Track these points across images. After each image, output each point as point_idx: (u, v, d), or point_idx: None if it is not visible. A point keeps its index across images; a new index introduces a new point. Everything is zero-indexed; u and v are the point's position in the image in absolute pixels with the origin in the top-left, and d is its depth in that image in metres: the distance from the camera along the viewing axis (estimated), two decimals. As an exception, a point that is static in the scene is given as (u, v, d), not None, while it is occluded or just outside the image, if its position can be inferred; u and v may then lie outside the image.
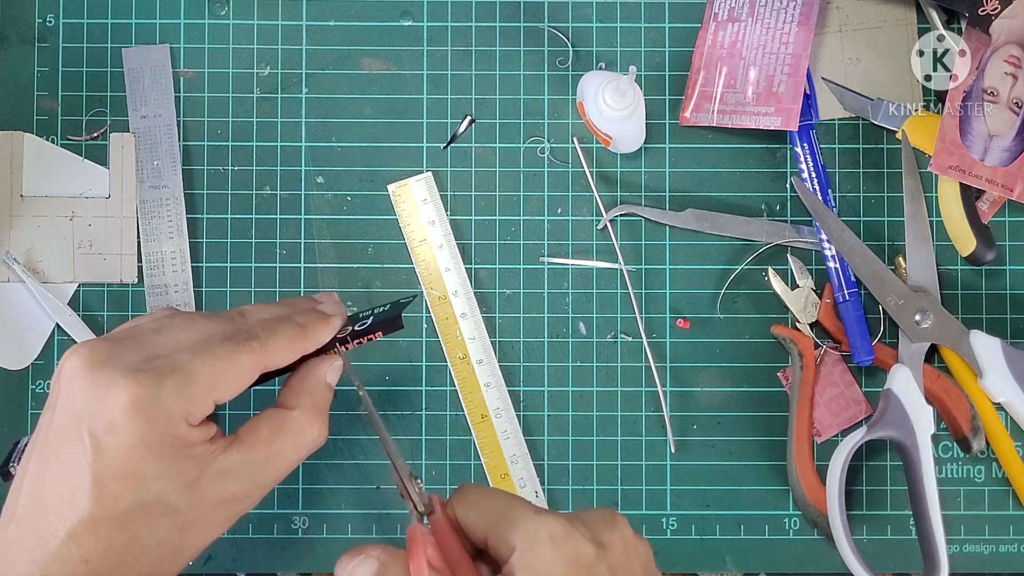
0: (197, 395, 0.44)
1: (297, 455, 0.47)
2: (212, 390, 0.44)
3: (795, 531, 0.64)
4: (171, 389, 0.43)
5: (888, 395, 0.62)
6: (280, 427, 0.47)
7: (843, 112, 0.66)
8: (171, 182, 0.65)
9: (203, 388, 0.44)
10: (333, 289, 0.65)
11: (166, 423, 0.43)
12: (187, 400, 0.43)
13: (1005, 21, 0.63)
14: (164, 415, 0.43)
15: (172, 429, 0.43)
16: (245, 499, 0.46)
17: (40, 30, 0.66)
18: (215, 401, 0.45)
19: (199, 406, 0.44)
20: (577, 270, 0.65)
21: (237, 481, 0.45)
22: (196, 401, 0.44)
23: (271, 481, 0.46)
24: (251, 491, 0.46)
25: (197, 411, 0.44)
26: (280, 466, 0.46)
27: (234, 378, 0.45)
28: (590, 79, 0.62)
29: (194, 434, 0.44)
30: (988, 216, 0.65)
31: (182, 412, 0.43)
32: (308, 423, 0.48)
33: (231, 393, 0.45)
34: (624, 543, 0.42)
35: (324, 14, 0.66)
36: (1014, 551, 0.64)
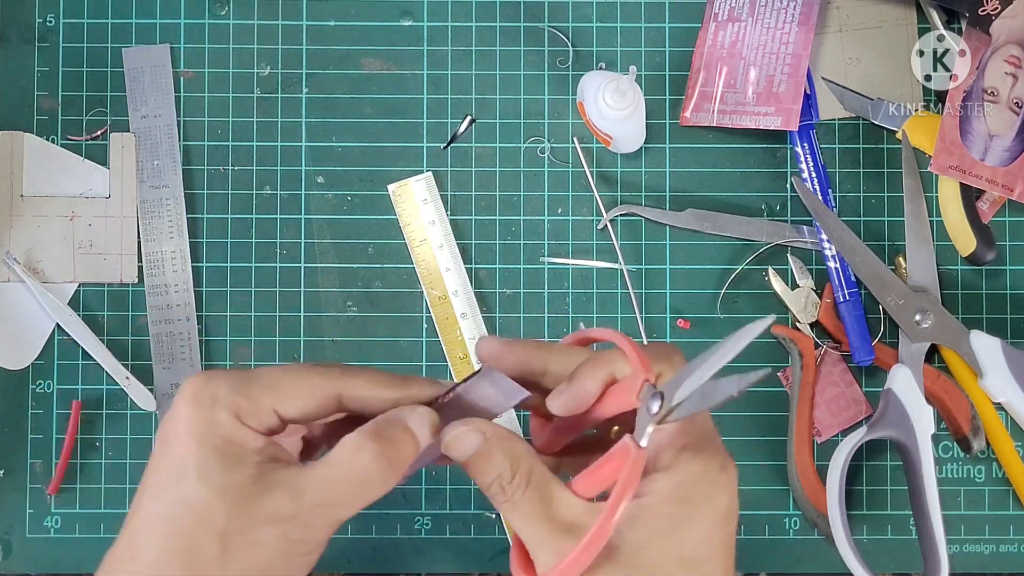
0: (253, 392, 0.43)
1: (351, 480, 0.43)
2: (271, 393, 0.43)
3: (795, 531, 0.64)
4: (226, 382, 0.43)
5: (888, 395, 0.62)
6: (337, 447, 0.44)
7: (843, 112, 0.66)
8: (171, 182, 0.65)
9: (261, 388, 0.43)
10: (333, 289, 0.65)
11: (211, 410, 0.42)
12: (240, 393, 0.43)
13: (1005, 21, 0.63)
14: (211, 400, 0.42)
15: (217, 417, 0.42)
16: (295, 519, 0.42)
17: (40, 30, 0.66)
18: (276, 409, 0.44)
19: (253, 403, 0.43)
20: (577, 270, 0.65)
21: (284, 496, 0.42)
22: (251, 397, 0.43)
23: (323, 502, 0.43)
24: (301, 511, 0.42)
25: (250, 409, 0.43)
26: (330, 487, 0.43)
27: (300, 392, 0.44)
28: (590, 79, 0.62)
29: (244, 434, 0.43)
30: (988, 216, 0.65)
31: (232, 404, 0.43)
32: (359, 446, 0.43)
33: (296, 408, 0.44)
34: None
35: (324, 14, 0.66)
36: (1014, 551, 0.64)
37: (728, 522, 0.42)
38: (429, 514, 0.64)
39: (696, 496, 0.41)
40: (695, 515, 0.41)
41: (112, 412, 0.64)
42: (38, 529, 0.64)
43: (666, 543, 0.41)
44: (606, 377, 0.44)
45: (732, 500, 0.42)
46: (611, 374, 0.44)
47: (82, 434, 0.64)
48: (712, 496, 0.42)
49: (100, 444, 0.64)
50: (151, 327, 0.64)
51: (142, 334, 0.64)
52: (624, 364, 0.44)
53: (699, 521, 0.41)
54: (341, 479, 0.43)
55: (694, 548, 0.41)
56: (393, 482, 0.44)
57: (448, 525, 0.64)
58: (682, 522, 0.41)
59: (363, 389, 0.45)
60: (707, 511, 0.41)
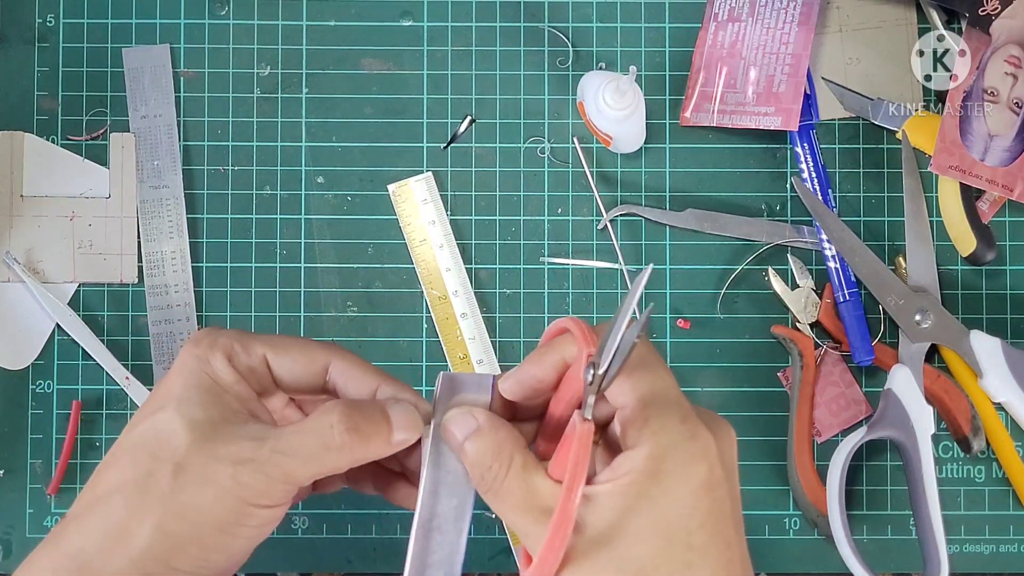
0: (250, 341, 0.45)
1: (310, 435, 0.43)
2: (266, 343, 0.45)
3: (795, 531, 0.64)
4: (229, 331, 0.46)
5: (888, 395, 0.62)
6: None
7: (843, 112, 0.66)
8: (171, 182, 0.65)
9: (258, 339, 0.45)
10: (333, 289, 0.65)
11: (206, 350, 0.44)
12: (237, 340, 0.45)
13: (1005, 21, 0.63)
14: (208, 343, 0.44)
15: (210, 356, 0.44)
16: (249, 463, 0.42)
17: (40, 30, 0.66)
18: (267, 359, 0.45)
19: (246, 349, 0.45)
20: (577, 270, 0.65)
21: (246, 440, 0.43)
22: (246, 344, 0.45)
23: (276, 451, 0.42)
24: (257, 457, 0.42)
25: (242, 353, 0.45)
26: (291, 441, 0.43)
27: (292, 347, 0.46)
28: (590, 79, 0.62)
29: (229, 375, 0.44)
30: (988, 216, 0.65)
31: (227, 346, 0.45)
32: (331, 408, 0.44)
33: (286, 364, 0.45)
34: None
35: (324, 14, 0.66)
36: (1014, 551, 0.64)
37: (712, 490, 0.41)
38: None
39: (667, 469, 0.40)
40: (670, 488, 0.40)
41: (112, 412, 0.64)
42: (38, 529, 0.64)
43: (647, 520, 0.40)
44: (556, 361, 0.43)
45: (712, 467, 0.41)
46: (561, 358, 0.43)
47: (82, 434, 0.64)
48: (685, 466, 0.40)
49: (100, 444, 0.64)
50: (151, 327, 0.64)
51: (142, 334, 0.64)
52: (573, 347, 0.43)
53: (676, 493, 0.40)
54: (304, 432, 0.43)
55: (677, 521, 0.40)
56: (355, 456, 0.44)
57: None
58: (658, 497, 0.40)
59: (351, 364, 0.46)
60: (681, 482, 0.40)
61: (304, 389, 0.47)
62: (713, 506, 0.41)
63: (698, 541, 0.40)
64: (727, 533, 0.42)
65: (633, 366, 0.41)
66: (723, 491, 0.41)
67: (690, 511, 0.40)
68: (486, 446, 0.43)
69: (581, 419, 0.41)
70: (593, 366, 0.41)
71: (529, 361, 0.44)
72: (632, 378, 0.41)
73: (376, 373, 0.47)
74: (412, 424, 0.45)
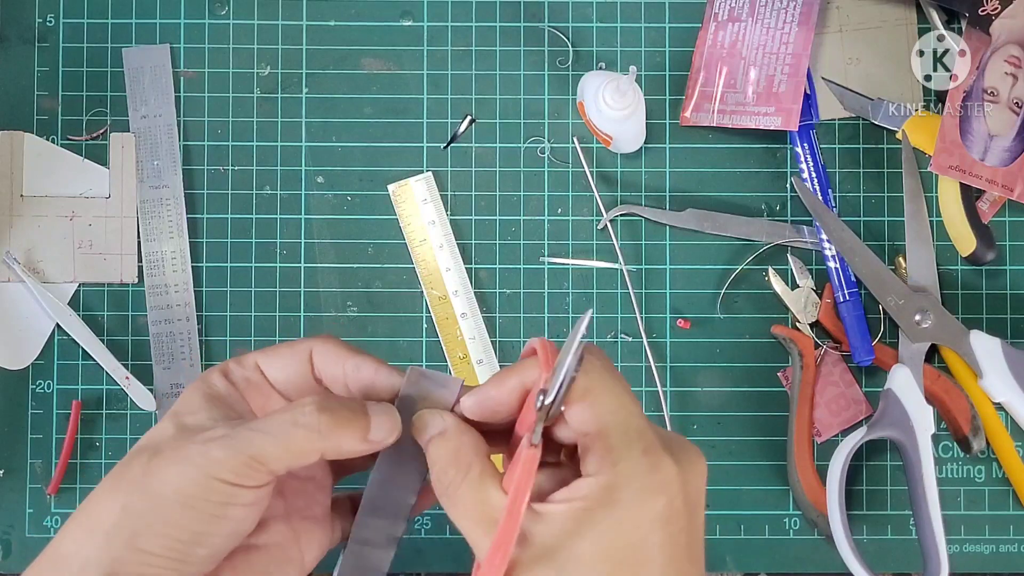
0: (241, 355, 0.47)
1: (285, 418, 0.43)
2: (258, 353, 0.47)
3: (795, 531, 0.64)
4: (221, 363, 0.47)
5: (888, 395, 0.62)
6: None
7: (843, 112, 0.66)
8: (171, 182, 0.65)
9: (251, 353, 0.47)
10: (334, 289, 0.65)
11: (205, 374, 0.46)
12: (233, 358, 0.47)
13: (1005, 21, 0.63)
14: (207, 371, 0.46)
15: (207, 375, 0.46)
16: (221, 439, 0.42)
17: (40, 30, 0.66)
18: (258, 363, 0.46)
19: (240, 362, 0.46)
20: (577, 270, 0.65)
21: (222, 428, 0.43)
22: (239, 358, 0.46)
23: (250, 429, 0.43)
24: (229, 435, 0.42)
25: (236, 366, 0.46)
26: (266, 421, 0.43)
27: (280, 349, 0.47)
28: (590, 79, 0.62)
29: (222, 386, 0.45)
30: (988, 216, 0.65)
31: (223, 365, 0.46)
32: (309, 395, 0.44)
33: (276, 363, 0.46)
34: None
35: (324, 14, 0.66)
36: (1014, 551, 0.64)
37: (668, 524, 0.40)
38: (429, 514, 0.64)
39: (622, 499, 0.40)
40: (623, 518, 0.40)
41: (112, 412, 0.64)
42: (38, 529, 0.64)
43: (595, 546, 0.39)
44: (516, 385, 0.43)
45: (671, 501, 0.40)
46: (521, 382, 0.43)
47: (82, 434, 0.64)
48: (642, 499, 0.40)
49: (100, 444, 0.64)
50: (151, 327, 0.64)
51: (142, 334, 0.64)
52: (532, 372, 0.43)
53: (628, 524, 0.40)
54: (278, 412, 0.43)
55: (627, 551, 0.40)
56: (327, 442, 0.43)
57: (448, 525, 0.64)
58: (609, 526, 0.40)
59: (328, 346, 0.46)
60: (636, 514, 0.40)
61: (299, 387, 0.47)
62: (668, 540, 0.40)
63: (647, 574, 0.40)
64: (682, 568, 0.41)
65: (596, 393, 0.41)
66: (681, 525, 0.41)
67: (641, 543, 0.40)
68: (447, 450, 0.43)
69: (528, 443, 0.40)
70: (543, 393, 0.41)
71: (490, 383, 0.44)
72: (594, 405, 0.41)
73: (349, 349, 0.47)
74: (392, 426, 0.44)
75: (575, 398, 0.41)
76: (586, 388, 0.41)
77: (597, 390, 0.41)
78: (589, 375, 0.41)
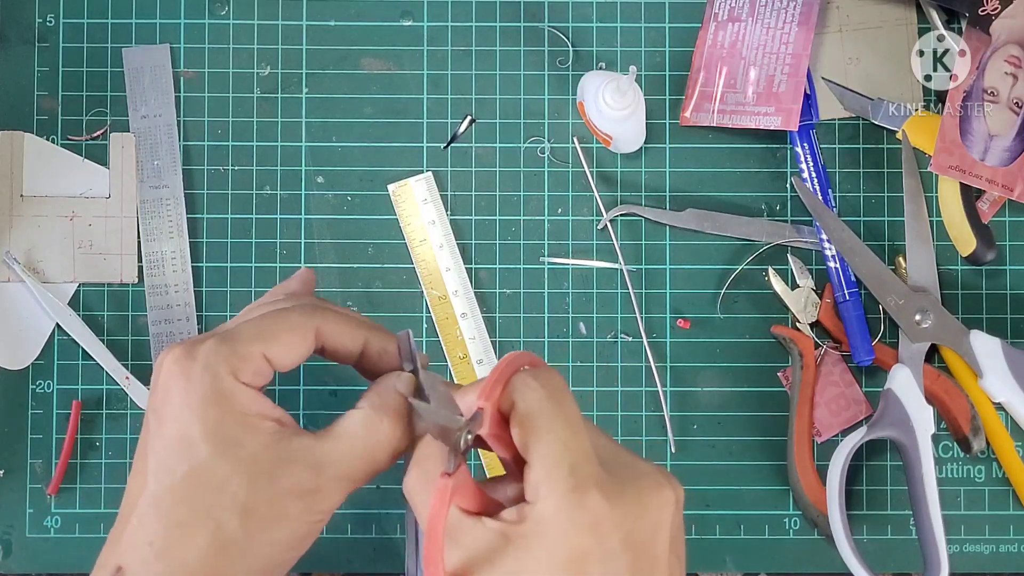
0: (240, 347, 0.43)
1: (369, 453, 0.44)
2: (257, 341, 0.43)
3: (795, 531, 0.64)
4: (212, 343, 0.43)
5: (888, 395, 0.62)
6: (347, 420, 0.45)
7: (843, 112, 0.66)
8: (171, 182, 0.65)
9: (247, 340, 0.43)
10: (334, 289, 0.65)
11: (204, 377, 0.42)
12: (231, 352, 0.42)
13: (1005, 21, 0.63)
14: (202, 368, 0.42)
15: (214, 382, 0.42)
16: (317, 492, 0.42)
17: (40, 30, 0.66)
18: (265, 355, 0.43)
19: (244, 358, 0.43)
20: (577, 270, 0.65)
21: (305, 470, 0.42)
22: (240, 353, 0.43)
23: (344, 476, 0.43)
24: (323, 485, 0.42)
25: (242, 364, 0.43)
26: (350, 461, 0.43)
27: (283, 333, 0.44)
28: (590, 79, 0.62)
29: (244, 395, 0.42)
30: (988, 216, 0.65)
31: (224, 364, 0.42)
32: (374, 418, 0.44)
33: (283, 350, 0.44)
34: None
35: (324, 14, 0.66)
36: (1014, 551, 0.64)
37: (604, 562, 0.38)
38: None
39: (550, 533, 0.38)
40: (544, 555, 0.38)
41: (112, 412, 0.64)
42: (38, 529, 0.64)
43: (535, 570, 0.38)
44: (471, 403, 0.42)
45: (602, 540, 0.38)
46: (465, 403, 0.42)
47: (82, 434, 0.64)
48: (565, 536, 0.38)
49: (100, 444, 0.64)
50: (151, 327, 0.64)
51: (142, 334, 0.64)
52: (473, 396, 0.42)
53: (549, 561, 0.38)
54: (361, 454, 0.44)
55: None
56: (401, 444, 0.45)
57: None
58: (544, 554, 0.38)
59: (336, 325, 0.46)
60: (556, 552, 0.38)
61: (301, 359, 0.46)
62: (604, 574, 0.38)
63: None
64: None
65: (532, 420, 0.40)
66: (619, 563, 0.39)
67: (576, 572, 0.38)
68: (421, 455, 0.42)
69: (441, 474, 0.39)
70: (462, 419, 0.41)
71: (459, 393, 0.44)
72: (530, 437, 0.40)
73: (361, 325, 0.47)
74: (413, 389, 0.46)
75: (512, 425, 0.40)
76: (522, 416, 0.40)
77: (531, 419, 0.40)
78: (526, 401, 0.40)
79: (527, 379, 0.41)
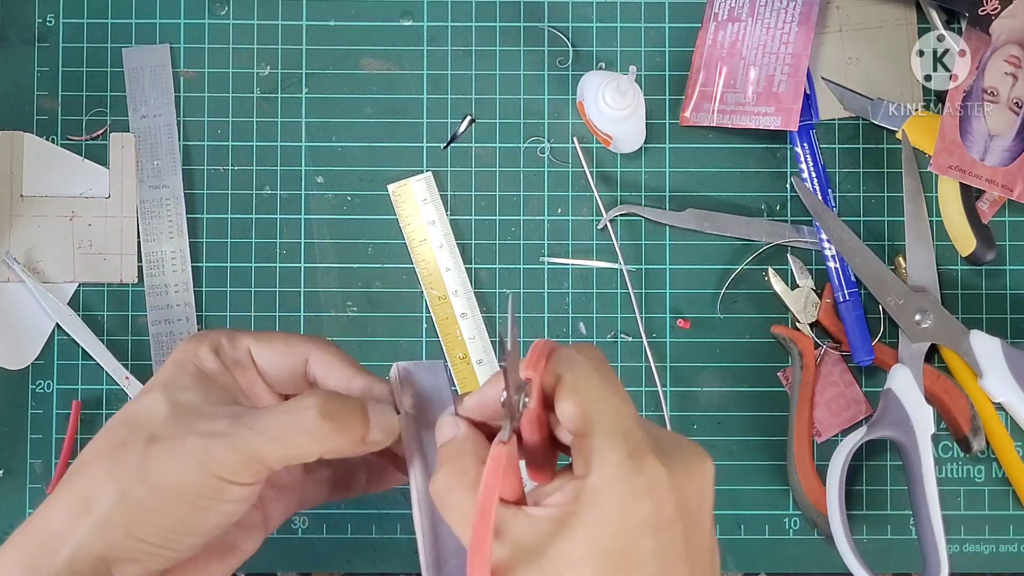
0: (236, 335, 0.47)
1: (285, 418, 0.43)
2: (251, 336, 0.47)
3: (795, 531, 0.64)
4: (216, 330, 0.48)
5: (888, 395, 0.62)
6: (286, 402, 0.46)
7: (843, 112, 0.66)
8: (171, 182, 0.65)
9: (243, 333, 0.47)
10: (334, 289, 0.65)
11: (196, 344, 0.46)
12: (224, 334, 0.47)
13: (1005, 21, 0.63)
14: (199, 339, 0.46)
15: (198, 349, 0.46)
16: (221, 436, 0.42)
17: (40, 30, 0.66)
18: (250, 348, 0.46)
19: (232, 341, 0.46)
20: (577, 270, 0.65)
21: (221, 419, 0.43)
22: (232, 337, 0.47)
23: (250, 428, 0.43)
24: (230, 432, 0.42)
25: (228, 346, 0.46)
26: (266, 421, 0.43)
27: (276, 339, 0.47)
28: (590, 79, 0.62)
29: (213, 364, 0.46)
30: (988, 216, 0.65)
31: (214, 340, 0.46)
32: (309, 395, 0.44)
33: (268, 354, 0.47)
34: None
35: (324, 14, 0.66)
36: (1014, 551, 0.64)
37: (658, 529, 0.38)
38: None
39: (605, 504, 0.38)
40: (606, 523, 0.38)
41: (112, 412, 0.64)
42: (38, 529, 0.64)
43: (580, 549, 0.38)
44: None
45: (660, 505, 0.38)
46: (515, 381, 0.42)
47: (82, 434, 0.64)
48: (626, 503, 0.38)
49: (100, 444, 0.64)
50: (151, 327, 0.64)
51: (142, 334, 0.65)
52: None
53: (612, 529, 0.38)
54: (279, 412, 0.44)
55: (614, 556, 0.38)
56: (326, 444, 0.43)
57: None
58: (593, 530, 0.38)
59: (330, 356, 0.47)
60: (620, 519, 0.38)
61: (287, 382, 0.47)
62: (659, 545, 0.38)
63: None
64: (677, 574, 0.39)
65: (581, 391, 0.40)
66: (676, 530, 0.39)
67: (630, 548, 0.38)
68: (446, 455, 0.42)
69: (497, 443, 0.39)
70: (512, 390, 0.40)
71: (488, 383, 0.43)
72: (579, 404, 0.40)
73: (354, 366, 0.47)
74: (390, 427, 0.45)
75: (561, 396, 0.40)
76: (572, 386, 0.40)
77: (582, 388, 0.40)
78: (575, 373, 0.40)
79: (572, 352, 0.41)
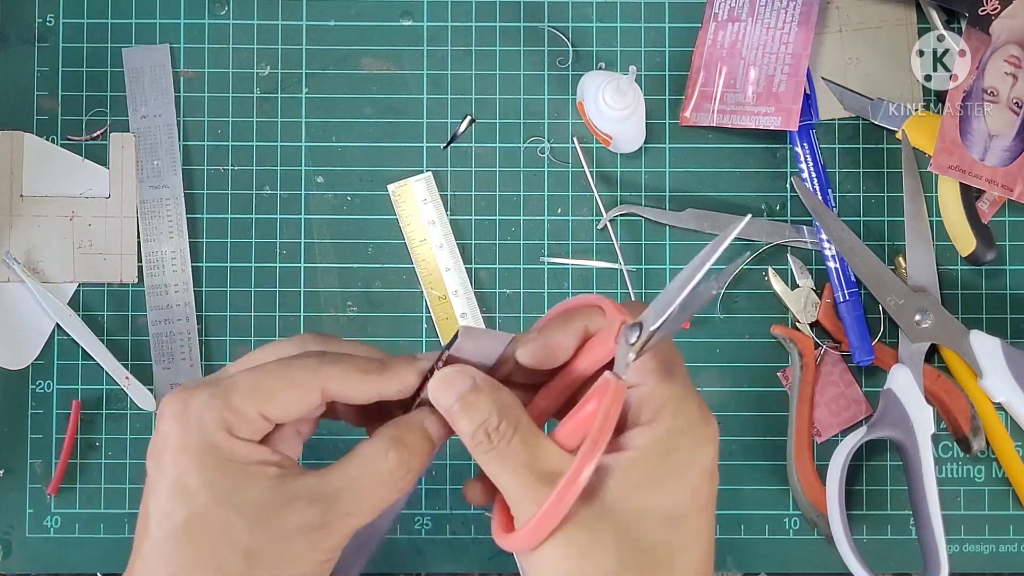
0: (235, 402, 0.42)
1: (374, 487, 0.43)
2: (253, 399, 0.42)
3: (795, 531, 0.64)
4: (205, 396, 0.42)
5: (888, 395, 0.62)
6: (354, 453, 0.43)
7: (843, 112, 0.66)
8: (171, 182, 0.65)
9: (242, 396, 0.42)
10: (333, 289, 0.65)
11: (200, 430, 0.42)
12: (224, 407, 0.42)
13: (1005, 21, 0.63)
14: (197, 421, 0.42)
15: (209, 437, 0.42)
16: (322, 528, 0.42)
17: (40, 30, 0.66)
18: (262, 413, 0.42)
19: (239, 416, 0.42)
20: (577, 270, 0.65)
21: (309, 507, 0.41)
22: (235, 409, 0.42)
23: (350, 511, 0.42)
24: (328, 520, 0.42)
25: (238, 421, 0.42)
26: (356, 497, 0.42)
27: (281, 391, 0.43)
28: (590, 79, 0.62)
29: (241, 448, 0.42)
30: (988, 216, 0.65)
31: (218, 420, 0.42)
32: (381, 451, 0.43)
33: (282, 409, 0.43)
34: None
35: (324, 14, 0.66)
36: (1014, 551, 0.64)
37: (713, 478, 0.41)
38: (429, 514, 0.64)
39: (682, 449, 0.40)
40: (681, 469, 0.40)
41: (112, 412, 0.64)
42: (38, 529, 0.64)
43: (650, 498, 0.40)
44: (579, 330, 0.43)
45: (716, 456, 0.42)
46: (584, 327, 0.43)
47: (82, 434, 0.64)
48: (697, 449, 0.41)
49: (100, 444, 0.64)
50: (151, 327, 0.64)
51: (142, 334, 0.64)
52: (597, 318, 0.43)
53: (685, 476, 0.40)
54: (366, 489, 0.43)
55: (679, 504, 0.40)
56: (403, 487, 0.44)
57: (448, 525, 0.64)
58: (668, 476, 0.40)
59: (342, 381, 0.43)
60: (693, 466, 0.41)
61: (302, 415, 0.44)
62: (711, 492, 0.42)
63: (694, 526, 0.41)
64: (712, 521, 0.42)
65: (658, 349, 0.42)
66: (716, 480, 0.42)
67: (694, 494, 0.41)
68: (490, 404, 0.42)
69: (616, 378, 0.41)
70: (640, 326, 0.41)
71: (552, 327, 0.43)
72: (657, 359, 0.42)
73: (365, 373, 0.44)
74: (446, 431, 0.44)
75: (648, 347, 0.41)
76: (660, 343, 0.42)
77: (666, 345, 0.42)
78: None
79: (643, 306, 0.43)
